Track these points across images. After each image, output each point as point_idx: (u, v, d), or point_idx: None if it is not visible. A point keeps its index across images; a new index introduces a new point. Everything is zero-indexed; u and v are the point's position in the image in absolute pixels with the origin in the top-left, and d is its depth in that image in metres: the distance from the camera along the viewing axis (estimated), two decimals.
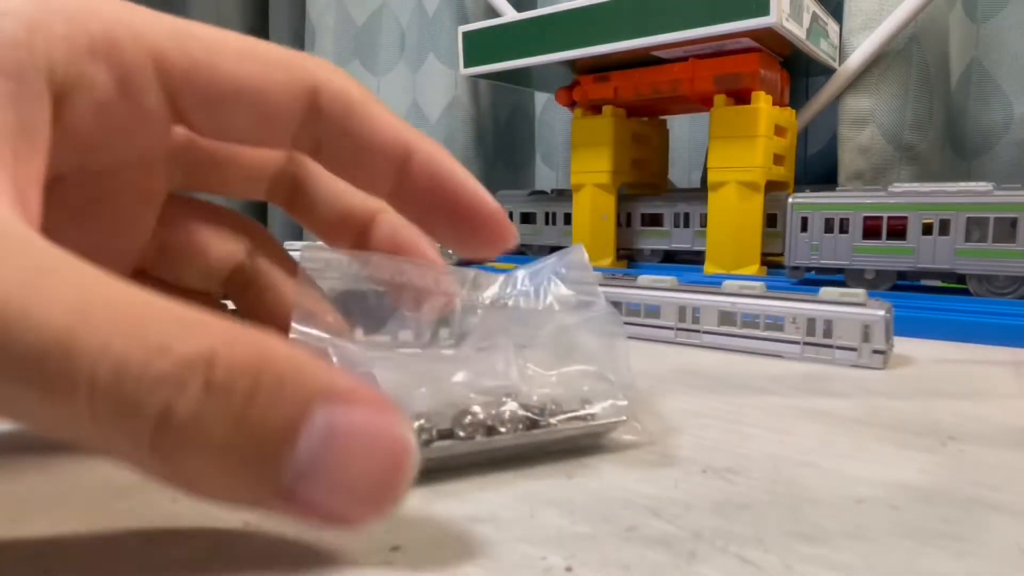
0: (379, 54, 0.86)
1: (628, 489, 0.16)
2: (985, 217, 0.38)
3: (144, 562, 0.13)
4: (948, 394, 0.25)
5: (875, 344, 0.28)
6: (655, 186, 0.60)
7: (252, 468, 0.11)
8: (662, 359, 0.31)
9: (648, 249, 0.56)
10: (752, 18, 0.42)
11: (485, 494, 0.16)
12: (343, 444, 0.11)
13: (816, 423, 0.21)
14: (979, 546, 0.14)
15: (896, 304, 0.31)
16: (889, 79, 0.52)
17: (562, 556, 0.13)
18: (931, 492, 0.16)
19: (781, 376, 0.27)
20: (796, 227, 0.43)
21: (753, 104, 0.46)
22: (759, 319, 0.31)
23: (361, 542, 0.14)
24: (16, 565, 0.13)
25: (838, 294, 0.30)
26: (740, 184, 0.47)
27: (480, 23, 0.56)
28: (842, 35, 0.54)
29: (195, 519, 0.14)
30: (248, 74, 0.16)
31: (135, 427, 0.10)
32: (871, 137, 0.53)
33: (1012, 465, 0.18)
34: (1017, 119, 0.54)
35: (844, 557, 0.13)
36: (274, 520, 0.14)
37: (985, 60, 0.55)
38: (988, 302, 0.37)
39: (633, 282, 0.36)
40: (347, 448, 0.11)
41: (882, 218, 0.40)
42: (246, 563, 0.13)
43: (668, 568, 0.13)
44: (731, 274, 0.48)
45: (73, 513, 0.15)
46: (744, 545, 0.13)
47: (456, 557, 0.13)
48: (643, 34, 0.46)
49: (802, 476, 0.17)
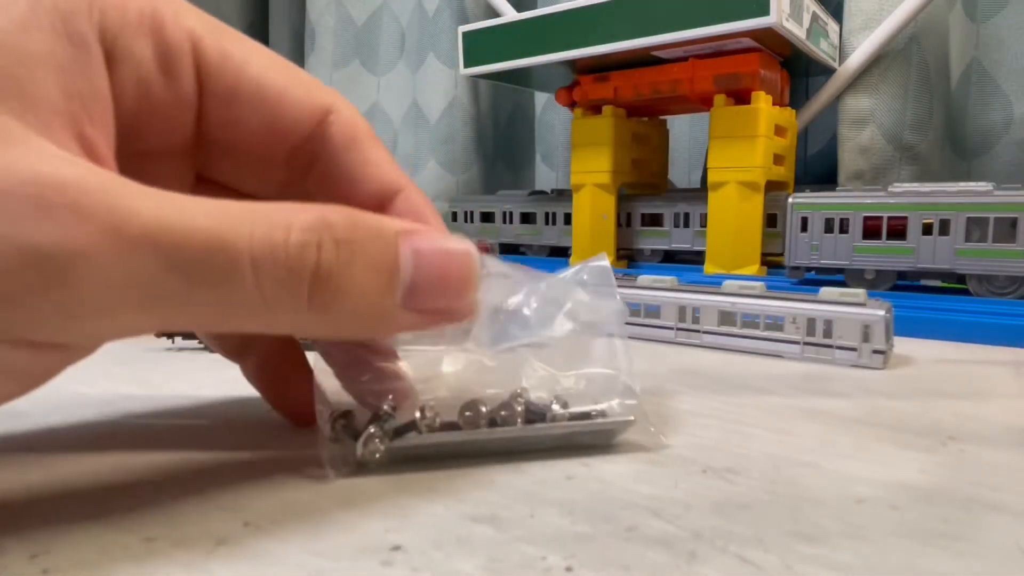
0: (379, 54, 0.86)
1: (628, 489, 0.16)
2: (985, 217, 0.38)
3: (144, 562, 0.13)
4: (948, 394, 0.25)
5: (875, 344, 0.28)
6: (655, 186, 0.60)
7: (381, 296, 0.14)
8: (662, 359, 0.31)
9: (648, 249, 0.56)
10: (752, 18, 0.42)
11: (485, 494, 0.16)
12: (427, 260, 0.15)
13: (816, 423, 0.21)
14: (979, 546, 0.14)
15: (896, 304, 0.31)
16: (889, 79, 0.52)
17: (562, 556, 0.13)
18: (931, 492, 0.16)
19: (781, 376, 0.27)
20: (796, 227, 0.43)
21: (753, 104, 0.46)
22: (759, 319, 0.31)
23: (361, 542, 0.14)
24: (16, 565, 0.13)
25: (838, 294, 0.30)
26: (740, 184, 0.47)
27: (480, 23, 0.56)
28: (842, 35, 0.54)
29: (195, 519, 0.14)
30: (272, 80, 0.17)
31: (296, 290, 0.13)
32: (871, 137, 0.53)
33: (1012, 465, 0.18)
34: (1017, 119, 0.54)
35: (844, 557, 0.13)
36: (273, 520, 0.14)
37: (985, 60, 0.55)
38: (988, 302, 0.37)
39: (633, 282, 0.36)
40: (430, 262, 0.15)
41: (882, 218, 0.40)
42: (246, 563, 0.13)
43: (668, 568, 0.13)
44: (731, 274, 0.48)
45: (73, 513, 0.15)
46: (744, 545, 0.13)
47: (456, 557, 0.13)
48: (643, 34, 0.46)
49: (802, 476, 0.17)
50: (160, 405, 0.23)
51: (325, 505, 0.15)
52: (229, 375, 0.20)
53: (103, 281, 0.12)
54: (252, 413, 0.22)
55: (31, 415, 0.22)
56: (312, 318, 0.14)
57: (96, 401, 0.24)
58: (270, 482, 0.16)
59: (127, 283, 0.12)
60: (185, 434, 0.20)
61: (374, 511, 0.15)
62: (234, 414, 0.22)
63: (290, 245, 0.13)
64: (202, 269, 0.12)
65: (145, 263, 0.12)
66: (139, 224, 0.12)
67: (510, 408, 0.18)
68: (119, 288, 0.12)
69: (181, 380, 0.26)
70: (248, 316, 0.13)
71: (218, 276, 0.12)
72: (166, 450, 0.19)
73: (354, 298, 0.14)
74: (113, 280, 0.12)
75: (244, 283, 0.12)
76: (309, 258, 0.13)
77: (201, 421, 0.22)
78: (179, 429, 0.21)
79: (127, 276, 0.12)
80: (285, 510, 0.15)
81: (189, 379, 0.26)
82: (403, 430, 0.17)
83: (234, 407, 0.23)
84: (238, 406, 0.23)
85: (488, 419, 0.18)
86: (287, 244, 0.13)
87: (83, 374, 0.27)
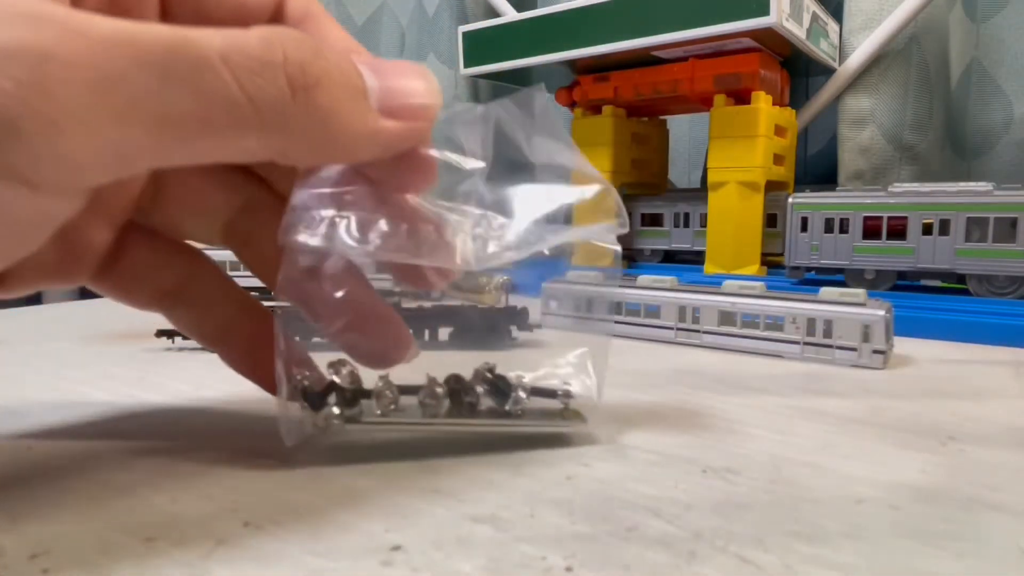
0: (379, 54, 0.86)
1: (628, 489, 0.16)
2: (985, 217, 0.38)
3: (144, 562, 0.13)
4: (948, 394, 0.25)
5: (875, 344, 0.28)
6: (655, 186, 0.60)
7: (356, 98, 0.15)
8: (662, 359, 0.31)
9: (648, 249, 0.56)
10: (752, 18, 0.42)
11: (485, 494, 0.16)
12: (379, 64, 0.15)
13: (816, 423, 0.21)
14: (979, 546, 0.14)
15: (896, 304, 0.31)
16: (889, 79, 0.52)
17: (562, 556, 0.13)
18: (931, 492, 0.16)
19: (781, 376, 0.27)
20: (796, 227, 0.43)
21: (753, 104, 0.46)
22: (759, 319, 0.31)
23: (361, 542, 0.14)
24: (16, 565, 0.13)
25: (838, 294, 0.30)
26: (740, 184, 0.47)
27: (480, 23, 0.56)
28: (842, 35, 0.54)
29: (195, 519, 0.14)
30: None
31: (275, 79, 0.13)
32: (871, 137, 0.53)
33: (1012, 465, 0.18)
34: (1017, 119, 0.54)
35: (844, 557, 0.13)
36: (273, 520, 0.14)
37: (985, 60, 0.55)
38: (988, 302, 0.37)
39: (633, 282, 0.36)
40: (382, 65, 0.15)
41: (882, 218, 0.40)
42: (246, 563, 0.13)
43: (668, 568, 0.13)
44: (731, 274, 0.48)
45: (73, 513, 0.15)
46: (744, 545, 0.13)
47: (456, 557, 0.13)
48: (643, 34, 0.46)
49: (802, 476, 0.17)
50: (160, 405, 0.23)
51: (325, 505, 0.15)
52: (229, 374, 0.20)
53: (76, 81, 0.11)
54: (252, 413, 0.22)
55: (31, 415, 0.22)
56: (297, 110, 0.14)
57: (96, 401, 0.24)
58: (270, 482, 0.16)
59: (101, 83, 0.12)
60: (185, 434, 0.20)
61: (374, 511, 0.15)
62: (234, 414, 0.22)
63: (253, 38, 0.13)
64: (172, 62, 0.12)
65: (114, 60, 0.12)
66: (101, 29, 0.12)
67: (473, 394, 0.19)
68: (93, 90, 0.12)
69: (181, 380, 0.26)
70: (236, 120, 0.13)
71: (191, 67, 0.12)
72: (166, 450, 0.19)
73: (335, 92, 0.14)
74: (86, 79, 0.12)
75: (219, 75, 0.13)
76: (276, 50, 0.13)
77: (201, 421, 0.22)
78: (179, 429, 0.21)
79: (99, 74, 0.12)
80: (285, 510, 0.15)
81: (189, 379, 0.26)
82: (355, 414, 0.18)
83: (234, 407, 0.23)
84: (238, 406, 0.23)
85: (449, 399, 0.18)
86: (249, 40, 0.13)
87: (83, 374, 0.28)
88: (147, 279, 0.19)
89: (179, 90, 0.12)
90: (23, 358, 0.31)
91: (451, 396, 0.19)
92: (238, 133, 0.13)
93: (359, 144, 0.15)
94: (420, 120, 0.16)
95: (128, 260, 0.19)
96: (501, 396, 0.19)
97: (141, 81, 0.12)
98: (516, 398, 0.19)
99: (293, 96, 0.13)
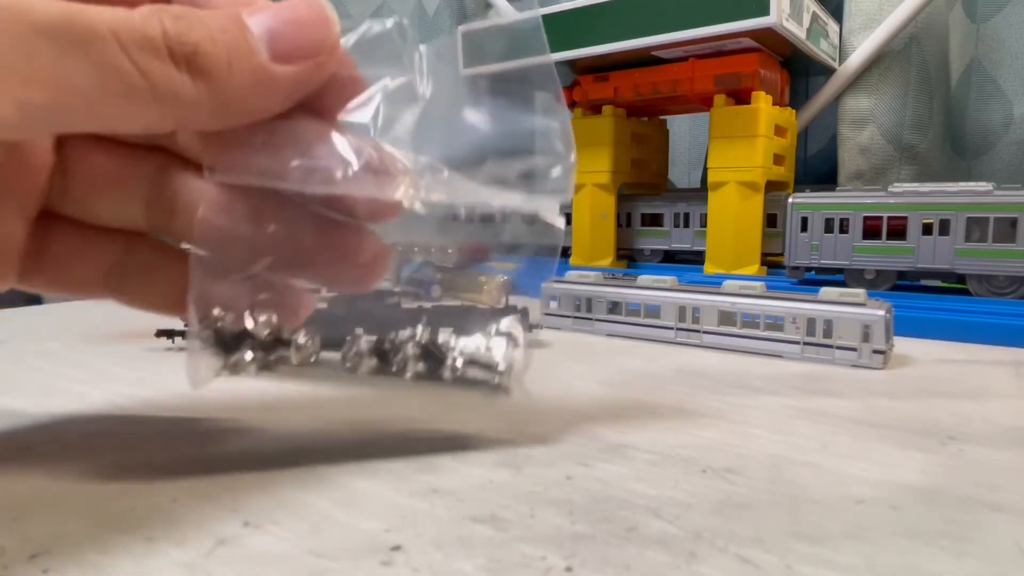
0: None
1: (628, 489, 0.16)
2: (985, 217, 0.38)
3: (144, 562, 0.13)
4: (948, 394, 0.25)
5: (875, 344, 0.28)
6: (655, 186, 0.60)
7: (245, 54, 0.15)
8: (662, 359, 0.31)
9: (648, 249, 0.56)
10: (752, 18, 0.42)
11: (485, 494, 0.16)
12: (269, 11, 0.15)
13: (816, 423, 0.21)
14: (979, 546, 0.14)
15: (896, 304, 0.31)
16: (889, 79, 0.52)
17: (562, 556, 0.13)
18: (931, 492, 0.16)
19: (781, 376, 0.27)
20: (796, 227, 0.43)
21: (753, 104, 0.46)
22: (759, 319, 0.31)
23: (361, 542, 0.14)
24: (16, 565, 0.13)
25: (838, 294, 0.30)
26: (740, 184, 0.47)
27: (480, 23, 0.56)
28: (842, 35, 0.54)
29: (195, 519, 0.14)
30: None
31: (159, 51, 0.14)
32: (871, 137, 0.53)
33: (1012, 465, 0.18)
34: (1017, 119, 0.54)
35: (844, 557, 0.13)
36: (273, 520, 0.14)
37: (985, 60, 0.55)
38: (988, 302, 0.37)
39: (633, 282, 0.36)
40: (273, 11, 0.15)
41: (882, 218, 0.40)
42: (246, 563, 0.13)
43: (668, 568, 0.13)
44: (731, 274, 0.48)
45: (73, 513, 0.15)
46: (744, 545, 0.13)
47: (456, 557, 0.13)
48: (643, 34, 0.46)
49: (802, 476, 0.17)
50: (160, 405, 0.23)
51: (325, 505, 0.15)
52: None
53: None
54: (252, 413, 0.22)
55: (31, 415, 0.22)
56: (189, 87, 0.14)
57: (96, 401, 0.24)
58: (270, 482, 0.16)
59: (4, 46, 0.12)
60: (185, 434, 0.20)
61: (374, 511, 0.15)
62: (233, 414, 0.22)
63: (136, 15, 0.14)
64: (66, 33, 0.13)
65: (12, 25, 0.13)
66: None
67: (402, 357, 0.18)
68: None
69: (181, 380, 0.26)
70: (132, 90, 0.14)
71: (85, 39, 0.13)
72: (166, 450, 0.19)
73: (219, 57, 0.14)
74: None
75: (112, 48, 0.13)
76: (154, 25, 0.14)
77: (201, 421, 0.22)
78: (179, 429, 0.21)
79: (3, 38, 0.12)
80: (285, 510, 0.15)
81: None
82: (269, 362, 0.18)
83: (234, 407, 0.23)
84: (238, 406, 0.23)
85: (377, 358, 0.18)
86: (133, 17, 0.14)
87: (83, 374, 0.28)
88: (81, 265, 0.19)
89: (75, 60, 0.13)
90: (23, 358, 0.31)
91: (378, 355, 0.18)
92: (134, 102, 0.14)
93: (256, 100, 0.15)
94: (317, 56, 0.15)
95: (55, 250, 0.18)
96: (434, 362, 0.18)
97: (40, 49, 0.13)
98: (452, 367, 0.18)
99: (177, 67, 0.14)
